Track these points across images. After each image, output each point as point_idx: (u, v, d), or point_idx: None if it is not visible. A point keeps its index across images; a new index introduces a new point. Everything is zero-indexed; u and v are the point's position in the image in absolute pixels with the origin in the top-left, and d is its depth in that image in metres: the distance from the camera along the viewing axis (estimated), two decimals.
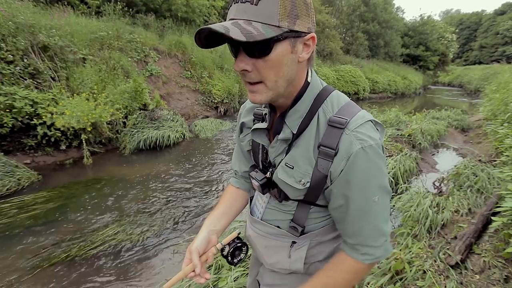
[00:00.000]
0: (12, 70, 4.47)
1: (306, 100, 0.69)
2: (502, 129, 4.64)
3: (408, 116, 7.07)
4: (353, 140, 0.62)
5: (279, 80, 0.62)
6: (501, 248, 2.12)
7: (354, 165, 0.63)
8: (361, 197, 0.66)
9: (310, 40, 0.62)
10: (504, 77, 10.79)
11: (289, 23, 0.57)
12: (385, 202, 0.69)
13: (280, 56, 0.59)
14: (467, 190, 3.38)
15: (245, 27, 0.54)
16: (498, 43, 40.92)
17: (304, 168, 0.68)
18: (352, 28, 21.30)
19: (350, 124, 0.64)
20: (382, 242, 0.70)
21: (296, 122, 0.69)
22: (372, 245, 0.69)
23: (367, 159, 0.63)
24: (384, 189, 0.68)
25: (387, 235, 0.71)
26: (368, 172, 0.64)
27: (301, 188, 0.70)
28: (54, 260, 2.55)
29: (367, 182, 0.65)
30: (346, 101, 0.71)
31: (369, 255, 0.70)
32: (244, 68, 0.60)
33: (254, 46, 0.57)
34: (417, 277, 2.03)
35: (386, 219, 0.70)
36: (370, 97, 16.57)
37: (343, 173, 0.64)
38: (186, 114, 7.82)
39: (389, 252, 0.72)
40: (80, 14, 7.55)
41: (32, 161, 4.50)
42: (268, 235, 0.83)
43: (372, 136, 0.64)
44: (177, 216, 3.35)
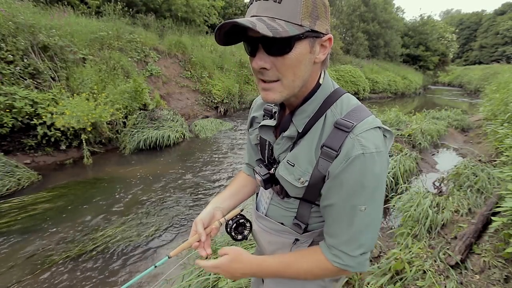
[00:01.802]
0: (12, 70, 4.47)
1: (315, 101, 0.69)
2: (502, 129, 4.64)
3: (408, 116, 7.07)
4: (356, 144, 0.62)
5: (296, 79, 0.62)
6: (501, 248, 2.12)
7: (350, 168, 0.62)
8: (348, 200, 0.64)
9: (327, 42, 0.63)
10: (504, 77, 10.79)
11: (311, 23, 0.58)
12: (373, 215, 0.65)
13: (300, 55, 0.59)
14: (467, 190, 3.38)
15: (271, 23, 0.54)
16: (498, 43, 40.90)
17: (304, 166, 0.69)
18: (352, 28, 21.30)
19: (356, 128, 0.63)
20: (357, 254, 0.67)
21: (303, 121, 0.70)
22: (345, 252, 0.67)
23: (364, 165, 0.61)
24: (375, 201, 0.65)
25: (366, 250, 0.67)
26: (362, 178, 0.62)
27: (300, 186, 0.70)
28: (54, 260, 2.55)
29: (358, 188, 0.63)
30: (356, 104, 0.69)
31: (340, 259, 0.68)
32: (263, 66, 0.60)
33: (274, 44, 0.57)
34: (417, 277, 2.03)
35: (370, 233, 0.67)
36: (370, 97, 16.56)
37: (338, 174, 0.64)
38: (186, 114, 7.82)
39: (364, 268, 0.68)
40: (80, 14, 7.56)
41: (32, 161, 4.50)
42: (272, 231, 0.84)
43: (376, 144, 0.63)
44: (177, 216, 3.35)
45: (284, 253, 0.78)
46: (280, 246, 0.84)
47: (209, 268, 0.77)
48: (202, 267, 0.77)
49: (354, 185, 0.62)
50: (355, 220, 0.65)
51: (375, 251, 2.40)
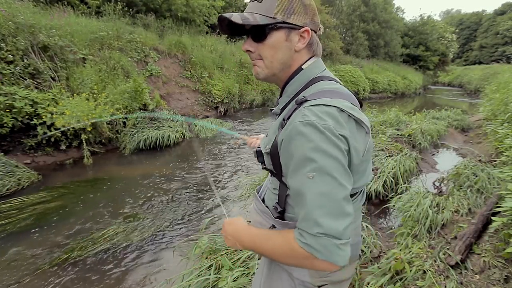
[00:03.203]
0: (12, 70, 4.47)
1: (295, 84, 0.78)
2: (502, 129, 4.64)
3: (408, 116, 7.07)
4: (299, 114, 0.66)
5: (274, 61, 0.75)
6: (501, 248, 2.12)
7: (291, 137, 0.66)
8: (297, 169, 0.65)
9: (305, 33, 0.73)
10: (504, 77, 10.79)
11: (283, 16, 0.70)
12: (326, 187, 0.61)
13: (275, 42, 0.72)
14: (467, 190, 3.37)
15: (246, 15, 0.70)
16: (498, 43, 40.89)
17: (270, 136, 0.79)
18: (352, 28, 21.30)
19: (307, 102, 0.68)
20: (315, 232, 0.61)
21: (283, 100, 0.81)
22: (305, 230, 0.63)
23: (302, 132, 0.63)
24: (324, 170, 0.61)
25: (326, 230, 0.60)
26: (303, 146, 0.63)
27: (264, 152, 0.79)
28: (54, 261, 2.55)
29: (302, 155, 0.63)
30: (327, 88, 0.73)
31: (302, 237, 0.63)
32: (248, 49, 0.76)
33: (256, 32, 0.73)
34: (417, 277, 2.03)
35: (326, 208, 0.61)
36: (370, 97, 16.56)
37: (283, 145, 0.69)
38: (186, 114, 7.82)
39: (330, 256, 0.61)
40: (80, 14, 7.55)
41: (32, 161, 4.50)
42: (259, 211, 0.91)
43: (320, 116, 0.63)
44: (177, 216, 3.35)
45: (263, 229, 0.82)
46: (261, 228, 0.89)
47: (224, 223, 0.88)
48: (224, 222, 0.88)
49: (298, 153, 0.64)
50: (304, 190, 0.63)
51: (375, 251, 2.40)
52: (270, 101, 11.13)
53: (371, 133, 0.81)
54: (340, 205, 0.62)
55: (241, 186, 4.07)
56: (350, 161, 0.68)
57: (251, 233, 0.79)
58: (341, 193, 0.62)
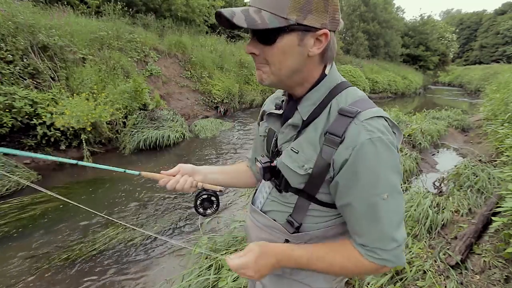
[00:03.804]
0: (11, 70, 4.47)
1: (321, 90, 0.69)
2: (502, 129, 4.64)
3: (408, 116, 7.06)
4: (361, 130, 0.60)
5: (283, 68, 0.64)
6: (501, 248, 2.12)
7: (361, 156, 0.60)
8: (367, 191, 0.62)
9: (322, 36, 0.62)
10: (504, 77, 10.78)
11: (298, 17, 0.58)
12: (397, 204, 0.64)
13: (286, 46, 0.61)
14: (467, 190, 3.37)
15: (252, 14, 0.58)
16: (499, 43, 40.88)
17: (308, 153, 0.67)
18: (352, 28, 21.30)
19: (361, 115, 0.62)
20: (392, 247, 0.64)
21: (307, 109, 0.69)
22: (379, 248, 0.65)
23: (375, 151, 0.60)
24: (395, 189, 0.63)
25: (400, 242, 0.64)
26: (377, 165, 0.60)
27: (303, 173, 0.67)
28: (54, 261, 2.55)
29: (375, 175, 0.61)
30: (363, 96, 0.70)
31: (375, 253, 0.65)
32: (251, 51, 0.65)
33: (263, 33, 0.61)
34: (417, 277, 2.02)
35: (398, 223, 0.65)
36: (370, 97, 16.06)
37: (349, 165, 0.61)
38: (186, 114, 7.82)
39: (401, 262, 0.66)
40: (80, 14, 7.55)
41: (31, 161, 4.50)
42: (264, 227, 0.81)
43: (383, 130, 0.61)
44: (177, 216, 3.34)
45: (313, 244, 0.73)
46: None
47: (235, 267, 0.70)
48: (230, 265, 0.71)
49: (369, 172, 0.61)
50: (380, 212, 0.62)
51: None
52: None
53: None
54: (403, 216, 0.66)
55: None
56: None
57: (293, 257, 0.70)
58: (404, 204, 0.66)
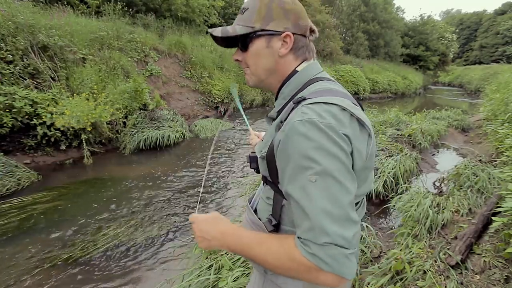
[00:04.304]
0: (11, 70, 4.47)
1: (291, 85, 0.76)
2: (502, 129, 4.64)
3: (408, 116, 7.05)
4: (297, 113, 0.63)
5: (258, 68, 0.76)
6: (501, 248, 2.11)
7: (289, 137, 0.61)
8: (296, 173, 0.59)
9: (286, 38, 0.72)
10: (504, 77, 10.77)
11: (262, 24, 0.71)
12: (329, 189, 0.56)
13: (257, 49, 0.74)
14: (467, 190, 3.37)
15: (227, 28, 0.74)
16: (499, 43, 40.86)
17: (266, 139, 0.76)
18: (352, 28, 21.31)
19: (306, 101, 0.65)
20: (322, 242, 0.55)
21: (279, 102, 0.79)
22: (311, 240, 0.56)
23: (303, 131, 0.58)
24: (327, 173, 0.56)
25: (332, 237, 0.54)
26: (304, 147, 0.58)
27: (260, 156, 0.75)
28: (54, 261, 2.55)
29: (302, 157, 0.58)
30: (325, 88, 0.70)
31: (307, 246, 0.57)
32: (236, 58, 0.79)
33: (241, 42, 0.76)
34: (417, 277, 2.02)
35: (331, 214, 0.55)
36: (370, 97, 16.56)
37: (281, 146, 0.64)
38: (186, 114, 7.82)
39: (342, 268, 0.55)
40: (80, 14, 7.55)
41: (32, 161, 4.50)
42: (252, 223, 0.84)
43: (322, 114, 0.59)
44: (178, 216, 3.34)
45: (260, 232, 0.74)
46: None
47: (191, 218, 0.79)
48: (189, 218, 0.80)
49: (297, 154, 0.59)
50: (309, 196, 0.57)
51: (375, 251, 2.40)
52: (270, 101, 11.13)
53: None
54: (347, 211, 0.56)
55: (242, 185, 4.07)
56: (353, 164, 0.62)
57: (238, 233, 0.71)
58: (346, 197, 0.57)
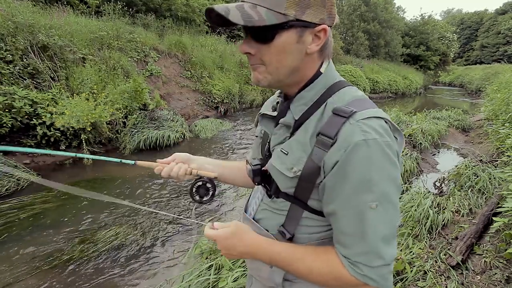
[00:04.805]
0: (11, 70, 4.47)
1: (315, 89, 0.65)
2: (503, 129, 4.63)
3: (409, 116, 7.05)
4: (356, 130, 0.55)
5: (281, 67, 0.61)
6: (502, 249, 2.11)
7: (352, 158, 0.54)
8: (354, 197, 0.56)
9: (321, 32, 0.60)
10: (505, 77, 10.75)
11: (297, 12, 0.56)
12: (388, 216, 0.56)
13: (284, 44, 0.58)
14: (468, 191, 3.36)
15: (248, 10, 0.54)
16: (500, 42, 40.82)
17: (298, 154, 0.62)
18: (353, 28, 21.29)
19: (357, 114, 0.56)
20: (377, 265, 0.56)
21: (300, 108, 0.65)
22: (363, 263, 0.57)
23: (368, 154, 0.54)
24: (387, 198, 0.56)
25: (386, 260, 0.57)
26: (369, 169, 0.54)
27: (292, 176, 0.63)
28: (54, 261, 2.55)
29: (365, 180, 0.54)
30: (362, 96, 0.64)
31: (358, 268, 0.58)
32: (247, 51, 0.61)
33: (258, 31, 0.58)
34: (418, 277, 2.02)
35: (387, 239, 0.57)
36: (370, 97, 15.75)
37: (339, 166, 0.56)
38: (186, 114, 7.81)
39: (388, 283, 0.58)
40: (80, 13, 7.55)
41: (31, 161, 4.49)
42: None
43: (380, 132, 0.56)
44: (177, 217, 3.34)
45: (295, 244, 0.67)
46: None
47: (208, 237, 0.70)
48: (205, 235, 0.70)
49: (357, 177, 0.54)
50: (367, 222, 0.55)
51: None
52: None
53: None
54: (395, 231, 0.58)
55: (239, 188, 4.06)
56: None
57: (269, 248, 0.66)
58: (398, 219, 0.58)
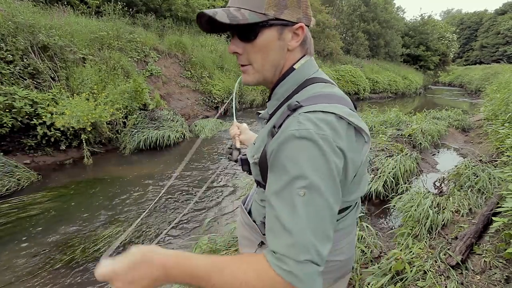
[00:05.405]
0: (11, 70, 4.47)
1: (286, 84, 0.70)
2: (503, 129, 4.64)
3: (409, 116, 7.05)
4: (293, 122, 0.57)
5: (266, 64, 0.67)
6: (502, 249, 2.11)
7: (283, 147, 0.57)
8: (281, 183, 0.55)
9: (299, 30, 0.65)
10: (505, 77, 10.77)
11: (276, 12, 0.62)
12: (316, 206, 0.53)
13: (267, 41, 0.64)
14: (467, 190, 3.36)
15: (233, 12, 0.61)
16: (499, 42, 40.84)
17: (258, 144, 0.71)
18: (353, 28, 21.31)
19: (302, 108, 0.59)
20: (303, 259, 0.50)
21: (273, 104, 0.72)
22: (289, 256, 0.51)
23: (297, 143, 0.55)
24: (316, 188, 0.53)
25: (313, 255, 0.51)
26: (297, 159, 0.54)
27: (252, 162, 0.71)
28: (54, 261, 2.55)
29: (290, 169, 0.54)
30: (322, 92, 0.65)
31: (284, 263, 0.51)
32: (235, 51, 0.67)
33: (243, 31, 0.64)
34: (417, 277, 2.02)
35: (315, 231, 0.52)
36: (370, 97, 16.55)
37: (273, 154, 0.60)
38: (186, 114, 7.81)
39: (314, 282, 0.51)
40: (80, 14, 7.56)
41: (32, 161, 4.50)
42: (245, 225, 0.84)
43: (318, 125, 0.55)
44: (177, 217, 3.34)
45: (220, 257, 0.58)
46: (248, 243, 0.84)
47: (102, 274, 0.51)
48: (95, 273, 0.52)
49: (285, 165, 0.56)
50: (295, 209, 0.53)
51: (376, 251, 2.39)
52: None
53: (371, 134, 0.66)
54: (327, 228, 0.54)
55: (241, 186, 4.06)
56: (345, 175, 0.61)
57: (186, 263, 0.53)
58: (329, 215, 0.55)
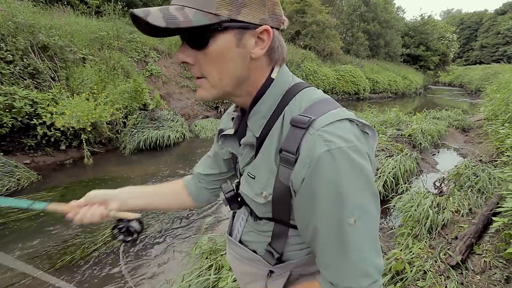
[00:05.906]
0: (11, 70, 4.47)
1: (269, 99, 0.57)
2: (503, 129, 4.64)
3: (409, 116, 7.05)
4: (317, 141, 0.49)
5: (224, 77, 0.53)
6: (502, 249, 2.11)
7: (318, 173, 0.49)
8: (331, 215, 0.50)
9: (264, 34, 0.52)
10: (505, 77, 10.77)
11: (231, 12, 0.48)
12: (367, 228, 0.50)
13: (222, 49, 0.50)
14: (467, 190, 3.36)
15: (173, 12, 0.47)
16: (499, 43, 40.86)
17: (265, 177, 0.57)
18: (353, 28, 21.31)
19: (316, 122, 0.51)
20: (365, 284, 0.51)
21: (258, 123, 0.58)
22: (350, 286, 0.52)
23: (334, 166, 0.48)
24: (364, 209, 0.50)
25: (374, 276, 0.51)
26: (338, 183, 0.48)
27: (263, 202, 0.58)
28: (53, 261, 2.55)
29: (336, 196, 0.49)
30: (320, 98, 0.57)
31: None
32: (184, 60, 0.53)
33: (192, 36, 0.50)
34: (417, 277, 2.02)
35: (372, 251, 0.51)
36: (370, 97, 16.55)
37: (306, 183, 0.50)
38: (186, 114, 7.82)
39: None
40: (80, 14, 7.57)
41: (31, 161, 4.50)
42: (244, 259, 0.72)
43: (345, 137, 0.49)
44: (177, 217, 3.34)
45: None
46: (253, 278, 0.72)
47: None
48: None
49: (328, 194, 0.49)
50: (348, 239, 0.50)
51: None
52: None
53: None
54: (377, 241, 0.53)
55: None
56: None
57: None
58: (377, 226, 0.53)
